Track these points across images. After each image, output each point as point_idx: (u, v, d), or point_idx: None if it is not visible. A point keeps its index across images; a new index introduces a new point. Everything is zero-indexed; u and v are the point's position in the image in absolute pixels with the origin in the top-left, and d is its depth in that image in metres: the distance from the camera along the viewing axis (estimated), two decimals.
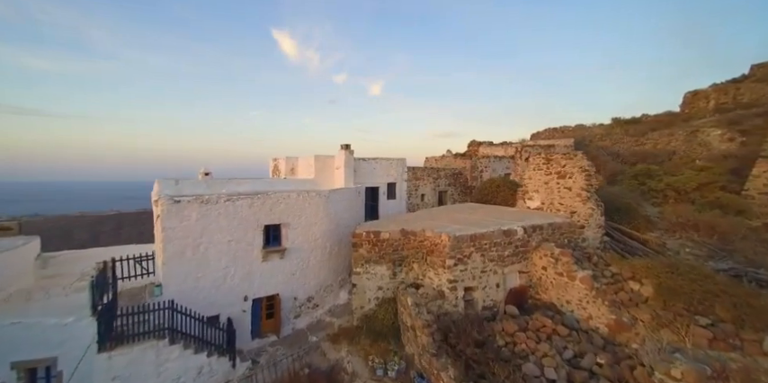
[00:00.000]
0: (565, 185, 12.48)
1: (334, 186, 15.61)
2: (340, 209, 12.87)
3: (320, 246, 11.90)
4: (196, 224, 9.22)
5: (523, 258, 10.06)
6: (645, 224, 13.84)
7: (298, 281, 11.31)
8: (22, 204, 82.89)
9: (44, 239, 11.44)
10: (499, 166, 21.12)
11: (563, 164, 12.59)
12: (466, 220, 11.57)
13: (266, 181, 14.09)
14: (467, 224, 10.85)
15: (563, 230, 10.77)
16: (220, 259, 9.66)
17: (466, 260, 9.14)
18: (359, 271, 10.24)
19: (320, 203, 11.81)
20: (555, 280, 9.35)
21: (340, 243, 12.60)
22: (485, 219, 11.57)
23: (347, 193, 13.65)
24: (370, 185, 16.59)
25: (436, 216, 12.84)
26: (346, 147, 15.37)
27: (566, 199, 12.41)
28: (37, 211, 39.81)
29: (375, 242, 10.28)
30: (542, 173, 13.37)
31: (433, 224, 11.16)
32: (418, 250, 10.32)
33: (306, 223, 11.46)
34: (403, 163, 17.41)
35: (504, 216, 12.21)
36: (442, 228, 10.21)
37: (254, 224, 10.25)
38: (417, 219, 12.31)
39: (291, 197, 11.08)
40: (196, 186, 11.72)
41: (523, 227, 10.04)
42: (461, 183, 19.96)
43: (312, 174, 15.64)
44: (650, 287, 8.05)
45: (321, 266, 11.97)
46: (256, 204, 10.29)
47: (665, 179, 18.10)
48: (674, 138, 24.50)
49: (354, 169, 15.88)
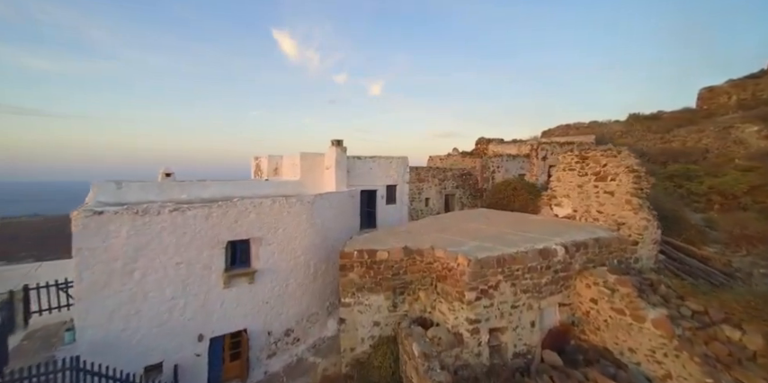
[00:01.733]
0: (606, 189, 10.10)
1: (324, 189, 13.26)
2: (329, 217, 10.52)
3: (303, 265, 9.54)
4: (128, 243, 6.84)
5: (564, 286, 7.68)
6: (698, 236, 11.46)
7: (272, 311, 8.93)
8: (21, 204, 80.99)
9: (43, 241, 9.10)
10: (513, 166, 18.74)
11: (603, 164, 10.21)
12: (484, 233, 9.19)
13: (241, 183, 11.74)
14: (486, 238, 8.48)
15: (612, 248, 8.39)
16: (164, 288, 7.28)
17: (492, 292, 6.77)
18: (348, 301, 7.87)
19: (303, 211, 9.45)
20: (611, 318, 6.97)
21: (328, 260, 10.23)
22: (507, 232, 9.20)
23: (338, 198, 11.28)
24: (367, 188, 14.22)
25: (446, 226, 10.47)
26: (338, 144, 13.00)
27: (607, 206, 10.03)
28: (36, 211, 37.59)
29: (370, 264, 7.91)
30: (575, 175, 10.99)
31: (443, 238, 8.79)
32: (426, 274, 7.95)
33: (284, 237, 9.10)
34: (404, 162, 15.04)
35: (530, 227, 9.83)
36: (456, 246, 7.85)
37: (212, 240, 7.88)
38: (423, 230, 9.95)
39: (265, 204, 8.71)
40: (145, 190, 9.35)
41: (564, 246, 7.66)
42: (471, 186, 17.59)
43: (298, 175, 13.27)
44: (758, 337, 5.67)
45: (304, 290, 9.60)
46: (216, 214, 7.91)
47: (707, 181, 15.74)
48: (705, 135, 22.12)
49: (348, 169, 13.51)
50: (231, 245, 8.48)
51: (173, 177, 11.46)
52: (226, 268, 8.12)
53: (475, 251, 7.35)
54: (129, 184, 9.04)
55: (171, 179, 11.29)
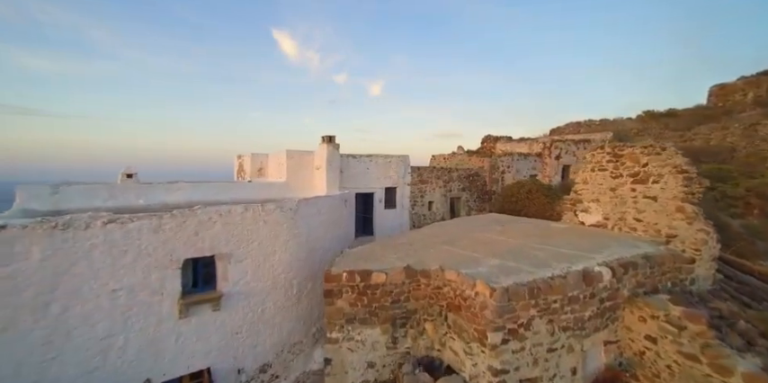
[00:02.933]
0: (646, 193, 8.47)
1: (314, 192, 11.62)
2: (316, 225, 8.88)
3: (283, 285, 7.90)
4: (42, 267, 5.19)
5: (610, 319, 6.03)
6: (749, 248, 9.84)
7: (244, 343, 7.28)
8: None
9: None
10: (524, 166, 17.11)
11: (643, 163, 8.58)
12: (501, 246, 7.56)
13: (216, 186, 10.09)
14: (506, 254, 6.85)
15: (665, 268, 6.74)
16: (95, 324, 5.63)
17: (523, 332, 5.12)
18: (336, 336, 6.23)
19: (283, 220, 7.82)
20: (677, 364, 5.32)
21: (315, 277, 8.59)
22: (530, 245, 7.57)
23: (328, 203, 9.64)
24: (363, 190, 12.60)
25: (454, 236, 8.84)
26: (329, 140, 11.36)
27: (647, 213, 8.40)
28: None
29: (363, 288, 6.27)
30: (607, 176, 9.36)
31: (453, 254, 7.16)
32: (434, 301, 6.32)
33: (260, 251, 7.46)
34: (405, 161, 13.41)
35: (557, 238, 8.20)
36: (471, 265, 6.21)
37: (163, 259, 6.23)
38: (427, 241, 8.32)
39: (234, 213, 7.07)
40: (90, 196, 7.71)
41: (609, 267, 6.01)
42: (478, 188, 15.95)
43: (283, 176, 11.62)
44: None
45: (285, 315, 7.95)
46: (169, 226, 6.26)
47: (743, 182, 14.12)
48: (730, 133, 20.51)
49: (341, 169, 11.88)
50: (192, 264, 6.86)
51: (135, 178, 9.80)
52: (183, 293, 6.47)
53: (497, 273, 5.72)
54: (68, 188, 7.39)
55: (133, 181, 9.64)
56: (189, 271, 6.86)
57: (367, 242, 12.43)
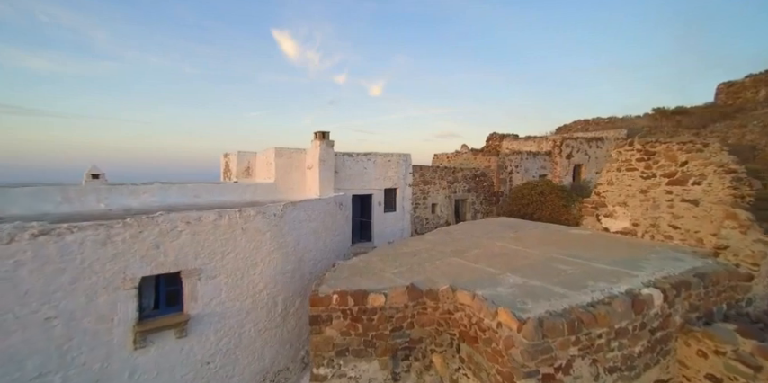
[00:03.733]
0: (685, 196, 7.37)
1: (306, 194, 10.53)
2: (306, 233, 7.79)
3: (266, 303, 6.79)
4: None
5: (662, 353, 4.92)
6: None
7: (217, 375, 6.16)
8: None
9: None
10: (533, 165, 16.01)
11: (681, 161, 7.48)
12: (521, 258, 6.46)
13: (193, 187, 8.99)
14: (528, 269, 5.76)
15: (720, 286, 5.63)
16: (24, 360, 4.52)
17: (561, 377, 4.01)
18: (324, 372, 5.11)
19: (266, 228, 6.72)
20: None
21: (304, 292, 7.49)
22: (555, 257, 6.47)
23: (320, 207, 8.54)
24: (360, 192, 11.50)
25: (463, 244, 7.74)
26: (322, 136, 10.26)
27: (686, 219, 7.30)
28: None
29: (357, 314, 5.16)
30: (637, 176, 8.25)
31: (464, 268, 6.05)
32: (443, 329, 5.22)
33: (237, 265, 6.36)
34: (406, 160, 12.32)
35: (584, 249, 7.11)
36: (488, 283, 5.11)
37: (114, 278, 5.12)
38: (433, 251, 7.22)
39: (205, 220, 5.95)
40: (40, 199, 6.60)
41: (660, 288, 4.89)
42: (485, 189, 14.84)
43: (272, 177, 10.52)
44: None
45: (267, 338, 6.84)
46: (121, 238, 5.15)
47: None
48: (749, 131, 19.44)
49: (336, 169, 10.77)
50: (154, 282, 5.75)
51: (103, 179, 8.69)
52: (139, 318, 5.37)
53: (522, 297, 4.61)
54: (11, 191, 6.28)
55: (100, 182, 8.52)
56: (150, 291, 5.76)
57: (364, 249, 11.32)
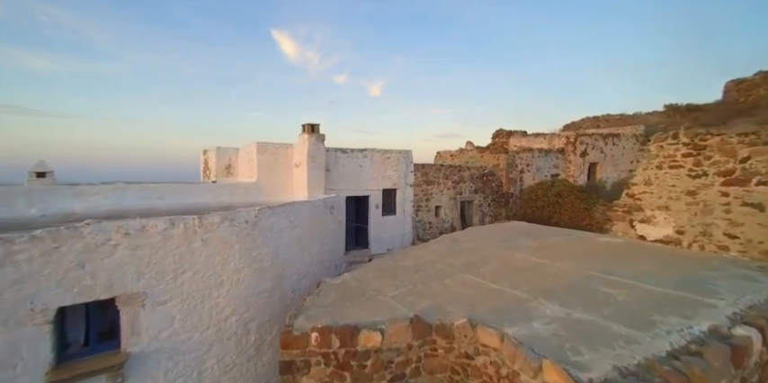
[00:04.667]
0: (746, 199, 6.07)
1: (293, 195, 9.24)
2: (287, 243, 6.47)
3: (234, 332, 5.48)
4: None
5: None
6: None
7: None
8: None
9: None
10: (545, 164, 14.71)
11: (742, 156, 6.18)
12: (550, 276, 5.17)
13: (163, 188, 7.70)
14: (565, 293, 4.48)
15: None
16: None
17: None
18: None
19: (234, 238, 5.41)
20: None
21: (284, 315, 6.16)
22: (594, 274, 5.18)
23: (306, 211, 7.21)
24: (355, 193, 10.19)
25: (477, 257, 6.44)
26: (311, 130, 8.95)
27: (747, 227, 6.01)
28: None
29: (345, 357, 3.85)
30: (683, 174, 6.96)
31: (481, 289, 4.75)
32: (459, 378, 3.90)
33: (196, 286, 5.04)
34: (407, 157, 11.03)
35: (619, 260, 5.81)
36: (517, 316, 3.82)
37: (16, 309, 3.80)
38: (441, 265, 5.91)
39: (151, 231, 4.64)
40: None
41: (757, 327, 3.59)
42: (493, 189, 13.54)
43: (254, 175, 9.21)
44: None
45: (237, 375, 5.52)
46: (27, 257, 3.83)
47: None
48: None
49: (328, 167, 9.47)
50: (84, 312, 4.44)
51: (50, 178, 7.36)
52: (56, 361, 4.05)
53: (573, 341, 3.31)
54: None
55: (46, 181, 7.20)
56: (80, 322, 4.45)
57: (360, 257, 10.01)
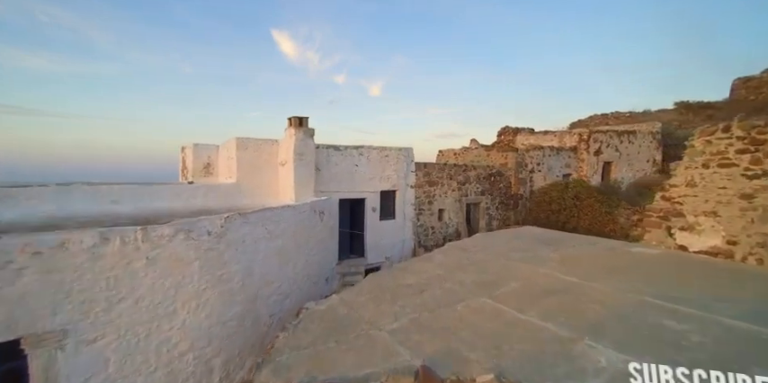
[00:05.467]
0: None
1: (279, 198, 8.17)
2: (264, 256, 5.38)
3: (191, 374, 4.37)
4: None
5: None
6: None
7: None
8: None
9: None
10: (557, 163, 13.62)
11: None
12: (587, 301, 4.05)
13: (113, 190, 6.58)
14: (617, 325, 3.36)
15: None
16: None
17: None
18: None
19: (192, 255, 4.30)
20: None
21: (260, 347, 5.07)
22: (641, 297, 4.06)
23: (288, 218, 6.11)
24: (350, 195, 9.10)
25: (492, 273, 5.31)
26: (299, 123, 7.85)
27: None
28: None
29: None
30: (737, 174, 5.85)
31: (504, 321, 3.62)
32: None
33: (137, 317, 3.93)
34: (408, 155, 9.94)
35: (668, 278, 4.69)
36: (566, 371, 2.69)
37: None
38: (450, 284, 4.78)
39: (72, 248, 3.52)
40: None
41: None
42: (501, 191, 12.44)
43: (233, 175, 8.12)
44: None
45: None
46: None
47: None
48: None
49: (319, 166, 8.38)
50: None
51: None
52: None
53: None
54: None
55: None
56: None
57: (355, 267, 8.91)
